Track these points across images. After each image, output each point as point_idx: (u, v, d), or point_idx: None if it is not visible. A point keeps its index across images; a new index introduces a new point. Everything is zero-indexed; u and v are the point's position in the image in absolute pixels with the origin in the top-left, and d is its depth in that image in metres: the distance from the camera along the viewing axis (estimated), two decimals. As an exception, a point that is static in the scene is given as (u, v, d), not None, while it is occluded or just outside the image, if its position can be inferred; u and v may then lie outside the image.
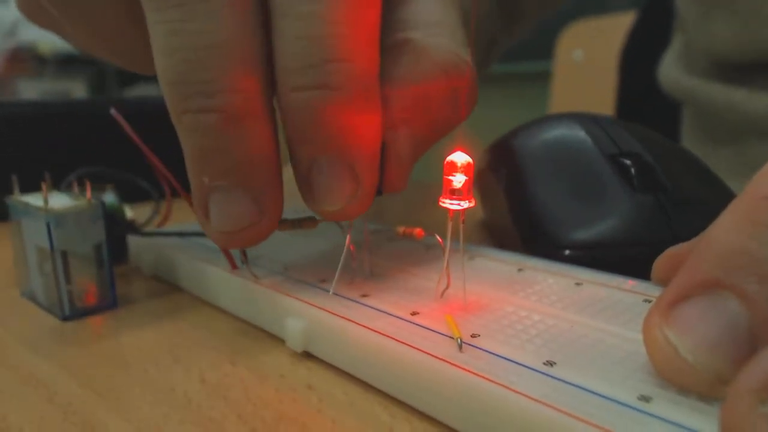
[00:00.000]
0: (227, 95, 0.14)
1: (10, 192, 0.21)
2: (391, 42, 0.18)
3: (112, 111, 0.19)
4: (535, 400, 0.11)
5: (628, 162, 0.21)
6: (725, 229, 0.11)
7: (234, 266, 0.19)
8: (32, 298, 0.21)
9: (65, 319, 0.19)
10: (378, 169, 0.16)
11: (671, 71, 0.43)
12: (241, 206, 0.16)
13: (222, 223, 0.16)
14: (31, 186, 0.21)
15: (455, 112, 0.18)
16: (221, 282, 0.19)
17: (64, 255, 0.19)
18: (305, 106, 0.15)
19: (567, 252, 0.19)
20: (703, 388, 0.10)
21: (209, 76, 0.14)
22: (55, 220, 0.18)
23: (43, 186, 0.19)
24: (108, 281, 0.20)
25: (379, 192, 0.17)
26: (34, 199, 0.20)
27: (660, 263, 0.15)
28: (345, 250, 0.17)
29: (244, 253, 0.19)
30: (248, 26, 0.15)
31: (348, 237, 0.17)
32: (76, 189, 0.20)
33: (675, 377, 0.11)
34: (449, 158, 0.15)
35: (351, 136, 0.15)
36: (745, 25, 0.34)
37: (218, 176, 0.15)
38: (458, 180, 0.15)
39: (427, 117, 0.17)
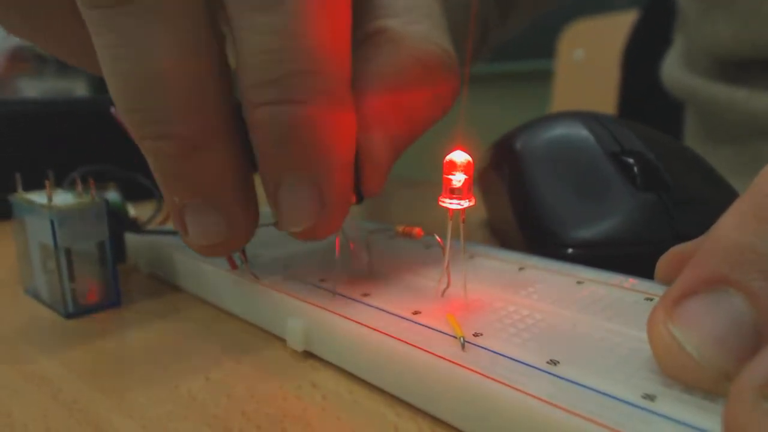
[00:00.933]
0: (182, 123, 0.14)
1: (13, 190, 0.21)
2: (366, 31, 0.17)
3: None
4: (540, 399, 0.11)
5: (630, 160, 0.21)
6: (731, 227, 0.11)
7: (234, 266, 0.19)
8: (36, 296, 0.21)
9: (68, 316, 0.19)
10: (350, 183, 0.16)
11: (673, 70, 0.43)
12: (212, 223, 0.15)
13: (198, 238, 0.16)
14: (31, 184, 0.21)
15: (435, 108, 0.18)
16: (221, 282, 0.19)
17: (68, 252, 0.19)
18: (268, 122, 0.14)
19: (569, 250, 0.19)
20: (708, 384, 0.10)
21: (161, 104, 0.14)
22: (59, 218, 0.18)
23: (47, 184, 0.19)
24: (111, 279, 0.20)
25: (359, 199, 0.16)
26: (38, 197, 0.20)
27: (664, 262, 0.15)
28: (339, 245, 0.17)
29: (243, 253, 0.19)
30: (199, 45, 0.14)
31: (339, 237, 0.17)
32: (79, 187, 0.20)
33: (679, 373, 0.11)
34: (449, 157, 0.15)
35: (316, 153, 0.14)
36: (746, 24, 0.34)
37: (186, 196, 0.15)
38: (458, 179, 0.15)
39: (405, 115, 0.17)
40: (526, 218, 0.22)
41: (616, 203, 0.20)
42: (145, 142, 0.14)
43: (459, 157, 0.15)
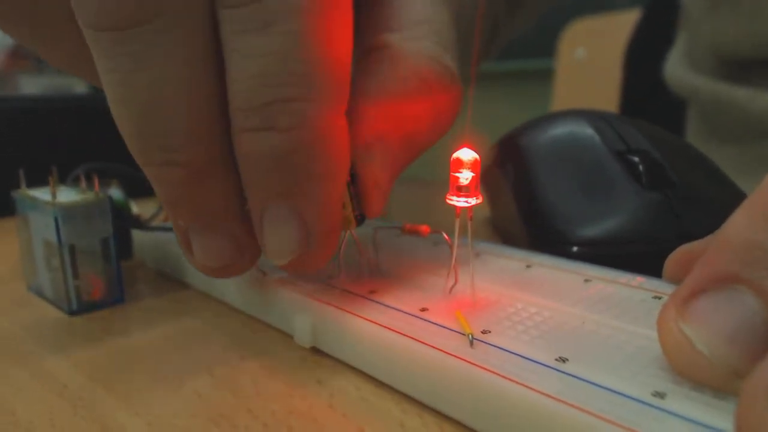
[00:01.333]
0: (188, 150, 0.14)
1: (16, 187, 0.21)
2: (368, 45, 0.17)
3: None
4: (549, 396, 0.11)
5: (636, 159, 0.20)
6: (741, 225, 0.11)
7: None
8: (39, 293, 0.21)
9: (72, 313, 0.19)
10: (338, 213, 0.15)
11: (676, 69, 0.43)
12: (219, 246, 0.15)
13: (204, 259, 0.15)
14: (33, 181, 0.21)
15: (435, 126, 0.17)
16: (228, 278, 0.19)
17: (72, 249, 0.19)
18: (252, 149, 0.14)
19: (575, 249, 0.19)
20: (718, 382, 0.10)
21: (166, 130, 0.13)
22: (63, 215, 0.18)
23: (51, 180, 0.19)
24: (115, 276, 0.20)
25: (361, 220, 0.16)
26: (42, 194, 0.20)
27: (672, 260, 0.15)
28: (345, 242, 0.17)
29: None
30: (203, 70, 0.13)
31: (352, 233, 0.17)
32: (83, 184, 0.20)
33: (690, 371, 0.11)
34: (456, 155, 0.15)
35: (301, 182, 0.14)
36: (750, 23, 0.34)
37: (191, 219, 0.15)
38: (465, 177, 0.15)
39: (404, 134, 0.16)
40: (531, 216, 0.21)
41: (621, 202, 0.20)
42: (149, 168, 0.14)
43: (466, 154, 0.15)
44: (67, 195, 0.19)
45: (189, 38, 0.13)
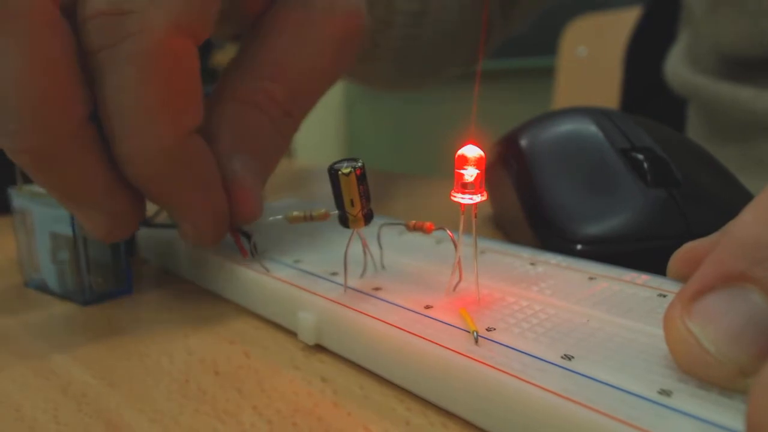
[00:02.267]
0: (28, 137, 0.15)
1: (11, 183, 0.21)
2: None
3: None
4: (556, 394, 0.11)
5: (640, 156, 0.20)
6: (749, 223, 0.11)
7: (245, 254, 0.19)
8: (41, 288, 0.21)
9: (86, 303, 0.20)
10: (210, 205, 0.18)
11: (677, 68, 0.43)
12: (93, 219, 0.17)
13: (87, 228, 0.18)
14: (27, 178, 0.21)
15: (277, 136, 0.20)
16: (232, 275, 0.19)
17: (84, 241, 0.19)
18: (126, 173, 0.16)
19: (579, 247, 0.19)
20: (724, 380, 0.10)
21: (8, 118, 0.14)
22: None
23: None
24: (124, 267, 0.20)
25: (368, 219, 0.16)
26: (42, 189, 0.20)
27: (677, 258, 0.15)
28: (350, 241, 0.17)
29: (254, 246, 0.19)
30: (47, 60, 0.14)
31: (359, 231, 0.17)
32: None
33: (696, 369, 0.11)
34: (460, 152, 0.15)
35: (171, 200, 0.17)
36: (754, 22, 0.34)
37: (59, 198, 0.17)
38: (470, 173, 0.15)
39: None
40: (534, 214, 0.21)
41: (625, 199, 0.20)
42: (7, 154, 0.15)
43: (471, 151, 0.15)
44: None
45: (25, 30, 0.14)
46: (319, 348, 0.16)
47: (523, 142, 0.24)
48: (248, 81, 0.20)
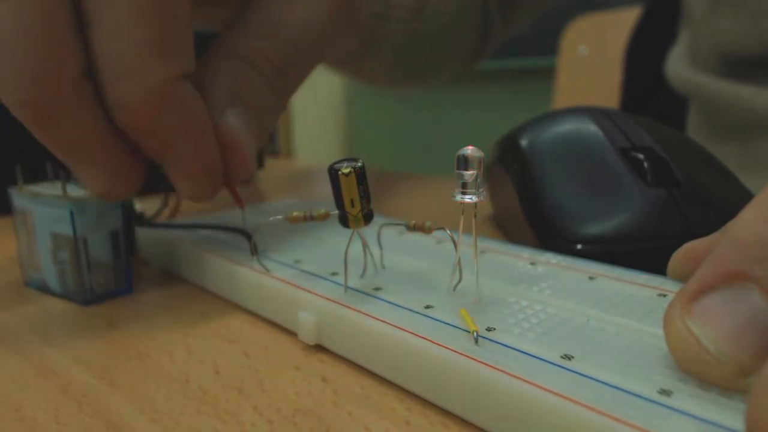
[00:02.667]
0: (30, 90, 0.15)
1: (11, 183, 0.21)
2: None
3: None
4: (555, 394, 0.11)
5: (640, 156, 0.20)
6: (749, 222, 0.11)
7: (242, 204, 0.20)
8: (41, 288, 0.21)
9: (86, 303, 0.20)
10: (206, 158, 0.18)
11: (677, 66, 0.43)
12: (93, 176, 0.17)
13: (87, 186, 0.18)
14: (26, 178, 0.21)
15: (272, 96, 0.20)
16: (232, 275, 0.19)
17: (85, 241, 0.19)
18: (118, 120, 0.16)
19: (579, 246, 0.19)
20: (724, 380, 0.10)
21: (8, 72, 0.15)
22: (77, 208, 0.19)
23: (62, 175, 0.20)
24: (124, 266, 0.20)
25: (368, 219, 0.16)
26: (45, 189, 0.20)
27: (677, 257, 0.15)
28: (350, 241, 0.17)
29: (254, 246, 0.19)
30: (44, 14, 0.15)
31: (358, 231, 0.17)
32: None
33: (696, 369, 0.11)
34: (460, 152, 0.15)
35: (165, 147, 0.17)
36: (754, 21, 0.34)
37: (60, 155, 0.17)
38: (470, 174, 0.15)
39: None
40: (534, 214, 0.21)
41: (625, 199, 0.20)
42: (9, 108, 0.15)
43: (471, 151, 0.15)
44: (72, 190, 0.20)
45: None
46: (320, 348, 0.16)
47: (524, 142, 0.24)
48: (241, 39, 0.20)
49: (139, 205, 0.25)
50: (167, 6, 0.16)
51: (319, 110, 1.99)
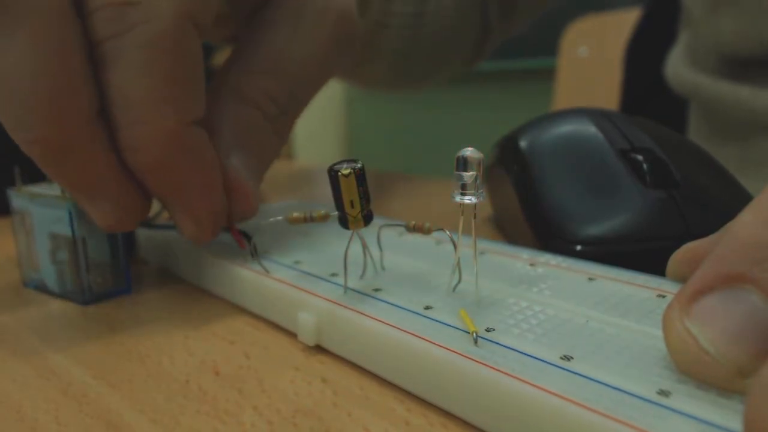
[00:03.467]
0: (42, 128, 0.15)
1: (10, 184, 0.21)
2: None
3: None
4: (554, 394, 0.11)
5: (639, 157, 0.20)
6: (749, 224, 0.11)
7: (243, 246, 0.19)
8: (40, 288, 0.21)
9: (86, 303, 0.20)
10: (212, 204, 0.18)
11: (677, 67, 0.43)
12: (101, 210, 0.17)
13: (94, 219, 0.18)
14: (25, 179, 0.21)
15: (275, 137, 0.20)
16: (232, 276, 0.19)
17: (84, 241, 0.19)
18: (130, 161, 0.17)
19: (579, 247, 0.19)
20: (723, 381, 0.10)
21: (22, 110, 0.15)
22: (76, 208, 0.19)
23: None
24: (123, 266, 0.20)
25: (368, 220, 0.16)
26: (44, 190, 0.20)
27: (676, 258, 0.15)
28: (350, 242, 0.17)
29: (254, 247, 0.19)
30: (58, 54, 0.15)
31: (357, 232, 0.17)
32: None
33: (695, 370, 0.11)
34: (459, 153, 0.15)
35: (172, 191, 0.18)
36: (753, 21, 0.34)
37: (68, 190, 0.17)
38: (469, 175, 0.15)
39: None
40: (534, 215, 0.21)
41: (625, 200, 0.20)
42: (19, 144, 0.16)
43: (470, 153, 0.15)
44: None
45: (37, 34, 0.14)
46: (319, 349, 0.16)
47: (523, 143, 0.24)
48: (246, 76, 0.20)
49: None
50: (182, 54, 0.16)
51: (319, 111, 1.99)
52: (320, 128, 2.06)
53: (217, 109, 0.19)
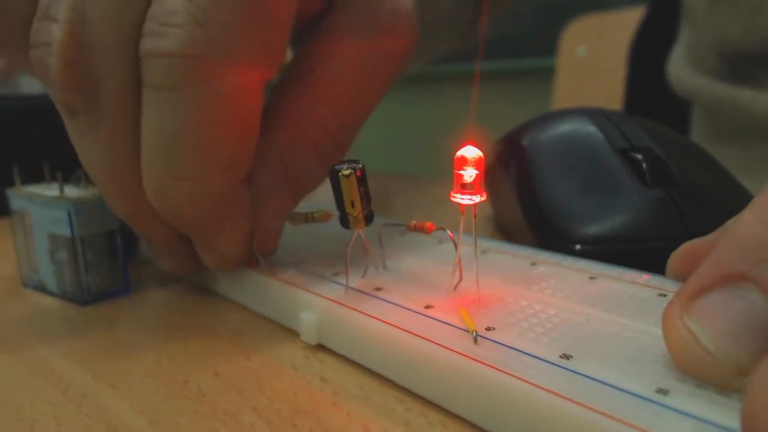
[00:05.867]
0: (116, 205, 0.18)
1: (9, 185, 0.21)
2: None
3: None
4: (553, 393, 0.11)
5: (639, 157, 0.20)
6: (749, 223, 0.11)
7: (252, 264, 0.19)
8: (40, 288, 0.21)
9: (84, 303, 0.20)
10: (237, 245, 0.18)
11: (678, 69, 0.43)
12: (166, 262, 0.19)
13: (161, 266, 0.20)
14: (24, 180, 0.21)
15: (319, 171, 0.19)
16: (233, 275, 0.19)
17: (83, 241, 0.19)
18: (164, 214, 0.17)
19: (578, 247, 0.19)
20: (722, 379, 0.10)
21: (102, 188, 0.17)
22: (75, 208, 0.19)
23: (59, 176, 0.20)
24: (122, 267, 0.20)
25: (369, 220, 0.16)
26: (43, 190, 0.20)
27: (676, 257, 0.15)
28: (352, 242, 0.17)
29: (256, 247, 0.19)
30: (122, 147, 0.16)
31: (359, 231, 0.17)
32: (83, 181, 0.21)
33: (694, 368, 0.11)
34: (460, 153, 0.15)
35: (205, 241, 0.18)
36: (754, 19, 0.34)
37: (148, 245, 0.20)
38: (469, 174, 0.15)
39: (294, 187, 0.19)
40: (534, 214, 0.21)
41: (624, 199, 0.20)
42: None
43: (470, 152, 0.15)
44: (70, 191, 0.20)
45: (110, 132, 0.16)
46: (319, 348, 0.16)
47: (523, 143, 0.24)
48: (301, 104, 0.19)
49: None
50: (242, 110, 0.16)
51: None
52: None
53: (267, 140, 0.18)
